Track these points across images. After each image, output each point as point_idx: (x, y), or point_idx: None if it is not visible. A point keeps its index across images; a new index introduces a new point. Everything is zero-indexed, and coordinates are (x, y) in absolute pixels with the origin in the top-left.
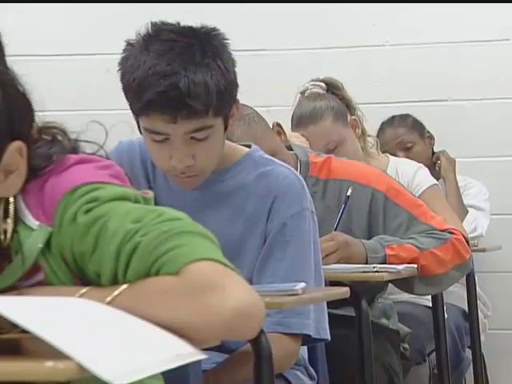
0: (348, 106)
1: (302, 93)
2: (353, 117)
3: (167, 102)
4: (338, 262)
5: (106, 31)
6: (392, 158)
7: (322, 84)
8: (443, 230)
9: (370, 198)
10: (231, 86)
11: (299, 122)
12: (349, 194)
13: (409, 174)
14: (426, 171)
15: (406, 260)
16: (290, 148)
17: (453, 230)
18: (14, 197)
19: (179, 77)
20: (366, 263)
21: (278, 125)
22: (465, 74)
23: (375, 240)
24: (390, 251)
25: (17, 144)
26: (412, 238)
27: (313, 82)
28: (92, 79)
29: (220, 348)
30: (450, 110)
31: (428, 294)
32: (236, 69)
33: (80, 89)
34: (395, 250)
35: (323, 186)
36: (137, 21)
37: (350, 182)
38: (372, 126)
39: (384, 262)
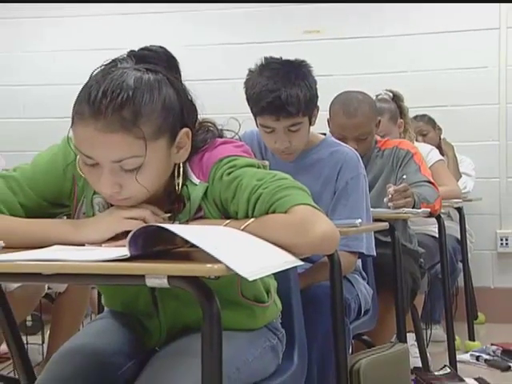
0: (401, 112)
1: (377, 95)
2: (400, 120)
3: (273, 108)
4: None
5: (233, 64)
6: (416, 143)
7: (390, 93)
8: (430, 182)
9: (404, 155)
10: (314, 97)
11: None
12: None
13: (424, 152)
14: (436, 151)
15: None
16: None
17: (434, 182)
18: (184, 165)
19: (281, 92)
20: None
21: (379, 121)
22: (459, 90)
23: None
24: (422, 207)
25: (185, 129)
26: (428, 190)
27: (385, 91)
28: (225, 93)
29: (308, 259)
30: (449, 112)
31: None
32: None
33: (220, 99)
34: (424, 206)
35: (382, 152)
36: (253, 56)
37: (395, 147)
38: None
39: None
